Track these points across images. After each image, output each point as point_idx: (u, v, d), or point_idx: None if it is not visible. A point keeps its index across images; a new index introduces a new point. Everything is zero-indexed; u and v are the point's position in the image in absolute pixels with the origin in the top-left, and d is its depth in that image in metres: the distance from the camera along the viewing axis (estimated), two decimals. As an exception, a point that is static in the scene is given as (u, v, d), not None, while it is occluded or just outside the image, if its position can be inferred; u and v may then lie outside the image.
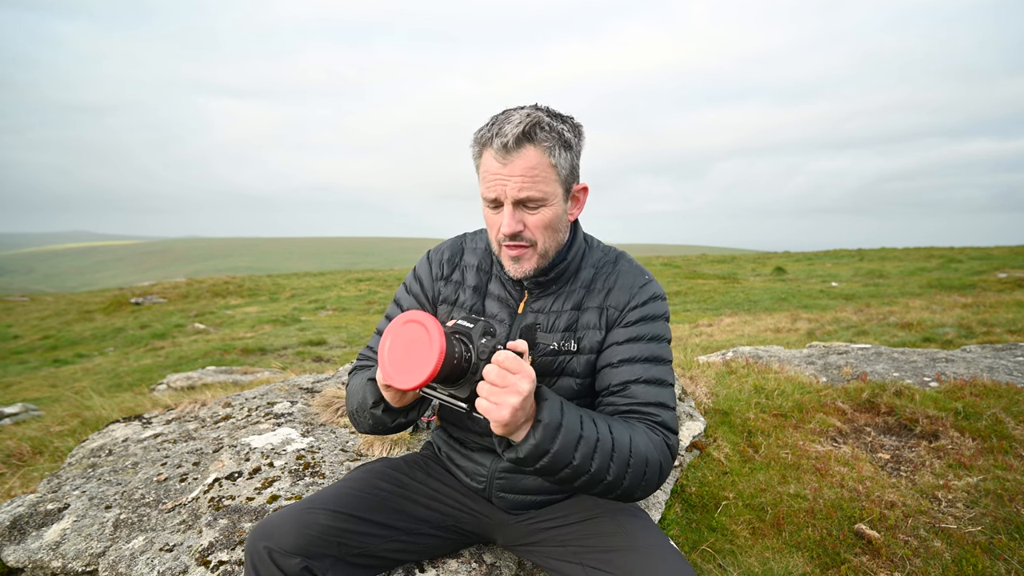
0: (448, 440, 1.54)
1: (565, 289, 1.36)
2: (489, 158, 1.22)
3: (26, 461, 2.81)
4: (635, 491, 1.17)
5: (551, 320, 1.34)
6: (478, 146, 1.25)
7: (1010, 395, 3.11)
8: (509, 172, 1.20)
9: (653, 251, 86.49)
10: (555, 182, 1.23)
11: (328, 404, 2.50)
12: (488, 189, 1.23)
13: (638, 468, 1.15)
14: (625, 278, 1.36)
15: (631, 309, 1.32)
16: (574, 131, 1.25)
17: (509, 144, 1.18)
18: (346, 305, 14.38)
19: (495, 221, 1.27)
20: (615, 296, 1.34)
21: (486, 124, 1.24)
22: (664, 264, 20.42)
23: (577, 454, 1.10)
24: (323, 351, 8.37)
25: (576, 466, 1.10)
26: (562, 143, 1.21)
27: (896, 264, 17.10)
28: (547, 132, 1.19)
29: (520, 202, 1.22)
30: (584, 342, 1.32)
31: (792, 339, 6.39)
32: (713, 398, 3.23)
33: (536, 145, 1.19)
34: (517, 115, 1.20)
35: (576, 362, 1.33)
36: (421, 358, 1.00)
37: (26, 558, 1.71)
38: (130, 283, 26.40)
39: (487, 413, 1.03)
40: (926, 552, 2.02)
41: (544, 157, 1.20)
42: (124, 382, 6.93)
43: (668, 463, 1.20)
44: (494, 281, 1.41)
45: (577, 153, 1.26)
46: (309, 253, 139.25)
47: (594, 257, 1.40)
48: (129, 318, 14.26)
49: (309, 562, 1.22)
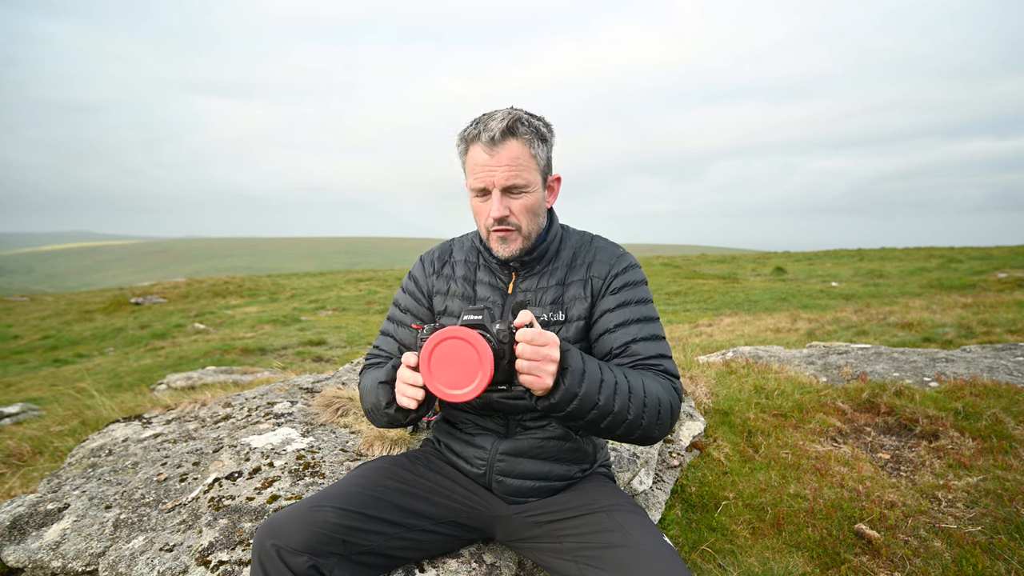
0: (449, 429, 1.58)
1: (548, 268, 1.51)
2: (476, 152, 1.37)
3: (26, 461, 2.81)
4: (653, 430, 1.30)
5: (539, 296, 1.48)
6: (464, 143, 1.41)
7: (1010, 395, 3.11)
8: (496, 163, 1.35)
9: (652, 251, 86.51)
10: (535, 171, 1.40)
11: (328, 404, 2.50)
12: (476, 180, 1.38)
13: (652, 407, 1.28)
14: (602, 252, 1.51)
15: (614, 276, 1.47)
16: (547, 127, 1.42)
17: (496, 137, 1.34)
18: (346, 305, 14.38)
19: (483, 209, 1.41)
20: (596, 268, 1.48)
21: (470, 124, 1.40)
22: (664, 264, 20.42)
23: (601, 396, 1.23)
24: (323, 351, 8.37)
25: (601, 406, 1.24)
26: (539, 137, 1.39)
27: (896, 264, 17.11)
28: (527, 127, 1.36)
29: (506, 189, 1.37)
30: (572, 311, 1.46)
31: (792, 339, 6.39)
32: (713, 398, 3.23)
33: (518, 138, 1.36)
34: (499, 113, 1.38)
35: (566, 330, 1.46)
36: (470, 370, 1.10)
37: (26, 558, 1.72)
38: (130, 283, 26.41)
39: (533, 385, 1.18)
40: (926, 552, 2.02)
41: (526, 149, 1.36)
42: (124, 382, 6.93)
43: (677, 403, 1.34)
44: (482, 270, 1.55)
45: (551, 146, 1.44)
46: (309, 253, 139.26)
47: (572, 240, 1.56)
48: (129, 318, 14.26)
49: (316, 560, 1.23)
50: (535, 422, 1.48)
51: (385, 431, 2.18)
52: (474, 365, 1.09)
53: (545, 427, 1.47)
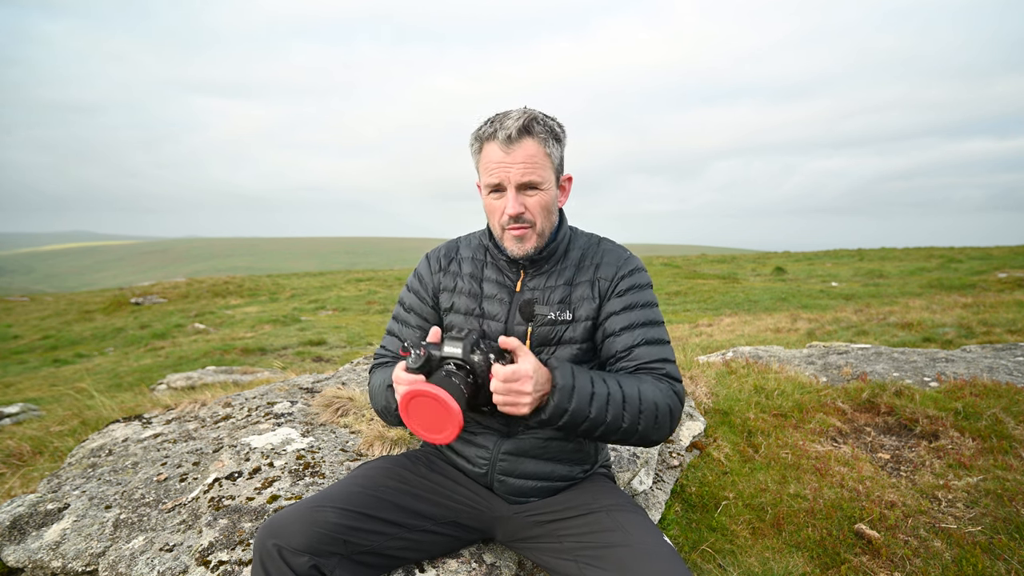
0: None
1: (556, 268, 1.51)
2: (492, 149, 1.38)
3: (26, 461, 2.81)
4: (651, 434, 1.33)
5: (546, 295, 1.49)
6: (479, 142, 1.41)
7: (1010, 395, 3.11)
8: (512, 160, 1.36)
9: (653, 251, 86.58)
10: (550, 169, 1.41)
11: (328, 404, 2.50)
12: (491, 176, 1.39)
13: (649, 413, 1.31)
14: (610, 255, 1.53)
15: (620, 278, 1.48)
16: (561, 128, 1.44)
17: (512, 135, 1.35)
18: (346, 305, 14.38)
19: (497, 207, 1.42)
20: (604, 270, 1.49)
21: (486, 122, 1.41)
22: (664, 264, 20.42)
23: (592, 408, 1.27)
24: (323, 351, 8.37)
25: (593, 418, 1.28)
26: (553, 136, 1.40)
27: (896, 264, 17.11)
28: (542, 126, 1.38)
29: (522, 186, 1.38)
30: (580, 311, 1.47)
31: (792, 339, 6.39)
32: (713, 398, 3.23)
33: (534, 137, 1.37)
34: (515, 112, 1.39)
35: (573, 330, 1.46)
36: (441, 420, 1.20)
37: (26, 558, 1.72)
38: (130, 283, 26.40)
39: (513, 412, 1.25)
40: (926, 552, 2.02)
41: (540, 147, 1.38)
42: (124, 382, 6.93)
43: (677, 407, 1.37)
44: (490, 267, 1.55)
45: (564, 146, 1.46)
46: (309, 253, 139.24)
47: (580, 242, 1.57)
48: (129, 318, 14.26)
49: (317, 560, 1.24)
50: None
51: (385, 431, 2.20)
52: (444, 418, 1.19)
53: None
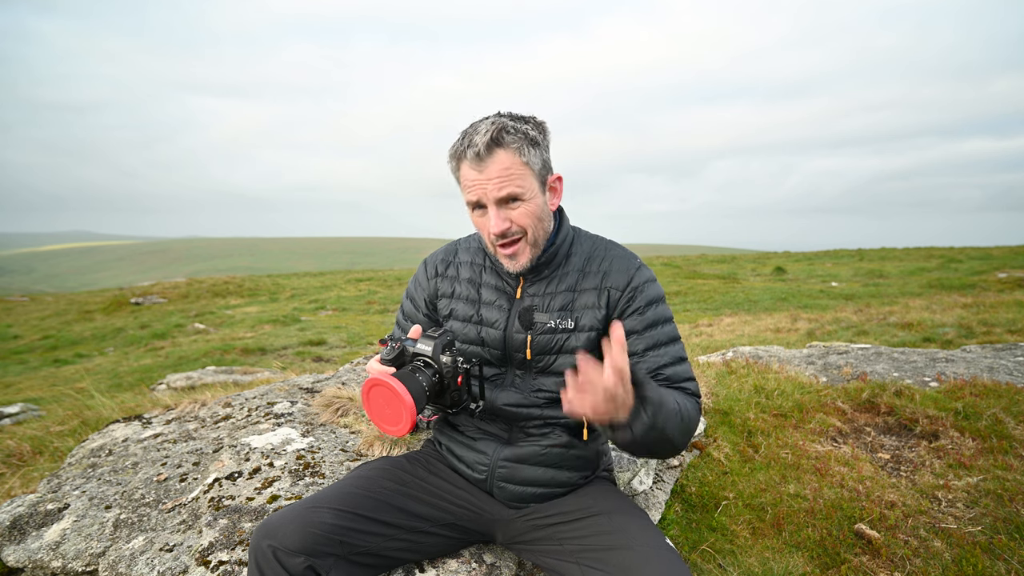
0: (450, 431, 1.56)
1: (558, 273, 1.46)
2: (466, 168, 1.33)
3: (26, 461, 2.81)
4: (680, 447, 1.30)
5: (546, 301, 1.44)
6: (454, 160, 1.36)
7: (1010, 395, 3.11)
8: (486, 176, 1.30)
9: (653, 251, 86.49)
10: (530, 177, 1.33)
11: (328, 404, 2.50)
12: (470, 194, 1.35)
13: (687, 428, 1.29)
14: (619, 262, 1.46)
15: (635, 291, 1.42)
16: (538, 128, 1.35)
17: (481, 152, 1.29)
18: (346, 305, 14.38)
19: (483, 224, 1.37)
20: (614, 278, 1.43)
21: (458, 139, 1.35)
22: (664, 264, 20.41)
23: (669, 424, 1.22)
24: (323, 351, 8.37)
25: (661, 431, 1.21)
26: (529, 141, 1.32)
27: (896, 264, 17.10)
28: (513, 135, 1.30)
29: (502, 200, 1.32)
30: (583, 320, 1.41)
31: (792, 339, 6.39)
32: (713, 398, 3.23)
33: (505, 148, 1.30)
34: (483, 125, 1.32)
35: (575, 339, 1.41)
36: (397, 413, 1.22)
37: (26, 558, 1.71)
38: (130, 283, 26.40)
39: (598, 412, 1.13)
40: (926, 552, 2.02)
41: (515, 157, 1.30)
42: (124, 382, 6.93)
43: (698, 420, 1.36)
44: (488, 272, 1.52)
45: (545, 147, 1.38)
46: (309, 253, 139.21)
47: (584, 245, 1.50)
48: (129, 318, 14.26)
49: (313, 561, 1.23)
50: (538, 429, 1.47)
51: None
52: (398, 410, 1.21)
53: (548, 435, 1.46)
